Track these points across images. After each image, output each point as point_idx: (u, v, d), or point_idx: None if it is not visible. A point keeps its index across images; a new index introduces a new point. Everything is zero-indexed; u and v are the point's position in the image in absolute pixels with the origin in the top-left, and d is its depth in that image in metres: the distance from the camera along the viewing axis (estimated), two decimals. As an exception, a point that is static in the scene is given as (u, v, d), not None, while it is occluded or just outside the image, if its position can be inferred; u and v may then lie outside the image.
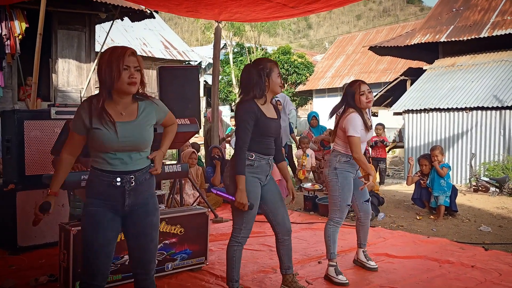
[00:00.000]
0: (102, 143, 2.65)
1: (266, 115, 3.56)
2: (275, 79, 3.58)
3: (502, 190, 9.01)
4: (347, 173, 4.26)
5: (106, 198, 2.70)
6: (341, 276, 4.23)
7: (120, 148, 2.67)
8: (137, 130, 2.73)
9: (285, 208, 3.83)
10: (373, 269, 4.53)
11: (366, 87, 4.27)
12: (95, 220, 2.69)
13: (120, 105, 2.72)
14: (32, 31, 9.46)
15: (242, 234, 3.65)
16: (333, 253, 4.30)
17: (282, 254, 3.87)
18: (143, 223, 2.79)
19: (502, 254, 5.07)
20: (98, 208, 2.70)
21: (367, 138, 4.36)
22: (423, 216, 7.03)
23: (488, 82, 11.89)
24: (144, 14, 12.85)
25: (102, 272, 2.73)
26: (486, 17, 13.47)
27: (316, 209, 7.31)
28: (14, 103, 11.77)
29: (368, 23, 64.24)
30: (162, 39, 24.65)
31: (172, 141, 5.61)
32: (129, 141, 2.69)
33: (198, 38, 50.23)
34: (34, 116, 5.10)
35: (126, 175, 2.71)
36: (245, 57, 28.73)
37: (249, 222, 3.64)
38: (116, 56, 2.65)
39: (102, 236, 2.69)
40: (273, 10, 6.10)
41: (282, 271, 3.92)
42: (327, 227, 4.36)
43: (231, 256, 3.67)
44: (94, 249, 2.69)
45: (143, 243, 2.80)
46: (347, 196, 4.27)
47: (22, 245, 4.93)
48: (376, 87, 23.30)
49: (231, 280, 3.71)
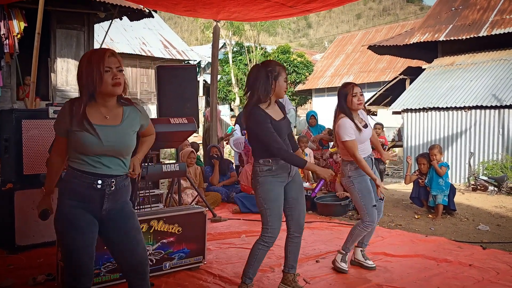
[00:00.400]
0: (84, 146, 2.60)
1: (275, 119, 3.61)
2: (281, 83, 3.61)
3: (500, 189, 9.02)
4: (361, 177, 4.31)
5: (84, 200, 2.65)
6: (344, 264, 4.41)
7: (103, 152, 2.64)
8: (121, 135, 2.69)
9: (304, 207, 3.87)
10: (371, 268, 4.55)
11: (359, 90, 4.35)
12: (72, 223, 2.63)
13: (104, 108, 2.68)
14: (30, 30, 9.45)
15: (268, 234, 3.67)
16: (348, 248, 4.47)
17: (289, 251, 3.90)
18: (126, 227, 2.76)
19: (500, 253, 5.07)
20: (75, 210, 2.64)
21: (365, 137, 4.39)
22: (421, 215, 7.03)
23: (487, 81, 11.90)
24: (143, 13, 12.84)
25: (86, 274, 2.68)
26: (485, 16, 13.47)
27: (314, 209, 7.31)
28: (13, 103, 11.77)
29: (368, 22, 64.24)
30: (161, 38, 24.63)
31: (171, 140, 5.63)
32: (112, 145, 2.65)
33: (198, 38, 50.22)
34: (32, 116, 5.10)
35: (108, 178, 2.67)
36: (245, 57, 28.73)
37: (274, 222, 3.65)
38: (96, 58, 2.60)
39: (81, 239, 2.64)
40: (271, 9, 6.10)
41: (284, 269, 3.93)
42: (356, 226, 4.44)
43: (254, 253, 3.72)
44: (76, 252, 2.63)
45: (130, 247, 2.77)
46: (369, 198, 4.31)
47: (20, 245, 4.93)
48: (375, 86, 23.33)
49: (245, 275, 3.74)
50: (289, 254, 3.90)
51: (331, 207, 7.18)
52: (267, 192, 3.62)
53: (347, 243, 4.47)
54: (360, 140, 4.31)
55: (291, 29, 50.59)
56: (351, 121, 4.26)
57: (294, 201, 3.77)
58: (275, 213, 3.65)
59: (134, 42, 23.02)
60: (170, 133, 5.34)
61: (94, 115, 2.64)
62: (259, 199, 3.66)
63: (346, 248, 4.47)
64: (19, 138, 4.94)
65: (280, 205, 3.68)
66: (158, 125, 4.86)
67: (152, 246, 4.12)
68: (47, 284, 4.06)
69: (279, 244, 5.39)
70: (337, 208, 7.14)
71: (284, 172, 3.67)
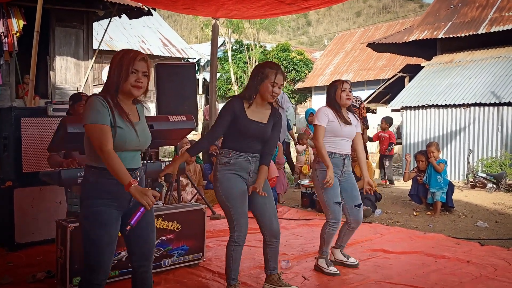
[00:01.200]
0: (123, 142, 2.70)
1: (248, 116, 3.55)
2: (266, 86, 3.53)
3: (499, 186, 9.04)
4: (325, 171, 4.18)
5: (114, 197, 2.72)
6: (332, 267, 4.34)
7: (137, 147, 2.79)
8: (146, 130, 2.88)
9: (274, 210, 3.76)
10: (354, 266, 4.50)
11: (348, 85, 4.36)
12: (102, 219, 2.71)
13: (125, 106, 2.78)
14: (29, 28, 9.45)
15: (236, 233, 3.61)
16: (325, 251, 4.40)
17: (268, 256, 3.82)
18: (145, 214, 2.77)
19: (498, 249, 5.10)
20: (104, 207, 2.72)
21: (344, 134, 4.31)
22: (420, 212, 7.05)
23: (486, 79, 11.91)
24: (142, 11, 12.82)
25: (105, 270, 2.77)
26: (484, 14, 13.48)
27: (313, 206, 7.33)
28: (12, 101, 11.77)
29: (367, 20, 64.16)
30: (160, 36, 24.61)
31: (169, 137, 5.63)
32: (144, 140, 2.82)
33: (197, 36, 50.15)
34: (31, 114, 5.10)
35: (133, 171, 2.77)
36: (244, 55, 28.71)
37: (240, 220, 3.59)
38: (127, 58, 2.72)
39: (108, 234, 2.73)
40: (270, 7, 6.12)
41: (266, 271, 3.87)
42: (323, 228, 4.37)
43: (229, 255, 3.68)
44: (100, 248, 2.71)
45: (145, 233, 2.88)
46: (331, 194, 4.22)
47: (19, 242, 4.94)
48: (374, 83, 23.34)
49: (228, 278, 3.73)
50: (269, 258, 3.82)
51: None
52: (227, 189, 3.55)
53: (322, 247, 4.39)
54: (337, 134, 4.28)
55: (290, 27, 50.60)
56: (333, 112, 4.28)
57: (262, 206, 3.66)
58: (239, 211, 3.57)
59: (133, 40, 23.00)
60: (169, 131, 5.33)
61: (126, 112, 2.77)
62: (220, 197, 3.59)
63: (323, 251, 4.38)
64: (18, 136, 4.95)
65: (244, 201, 3.60)
66: (156, 123, 4.87)
67: (151, 243, 4.13)
68: (46, 281, 4.07)
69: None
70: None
71: (244, 169, 3.60)
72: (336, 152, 4.30)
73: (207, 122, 9.91)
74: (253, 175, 3.65)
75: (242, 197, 3.59)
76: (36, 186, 4.95)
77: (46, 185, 4.81)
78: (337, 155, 4.30)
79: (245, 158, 3.61)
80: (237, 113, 3.53)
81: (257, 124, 3.58)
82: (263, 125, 3.62)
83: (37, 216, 5.04)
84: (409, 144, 12.45)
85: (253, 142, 3.60)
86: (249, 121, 3.55)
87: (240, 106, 3.55)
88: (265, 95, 3.57)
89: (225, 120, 3.55)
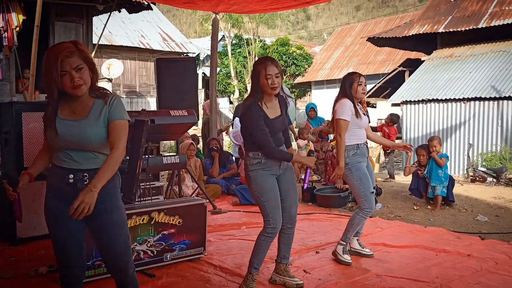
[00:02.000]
0: (48, 141, 2.68)
1: (269, 117, 3.65)
2: (263, 82, 3.62)
3: (499, 180, 9.04)
4: (359, 164, 4.42)
5: (61, 194, 2.66)
6: (347, 256, 4.46)
7: (66, 146, 2.62)
8: (83, 129, 2.61)
9: (296, 199, 3.91)
10: (369, 256, 4.62)
11: (364, 79, 4.48)
12: (54, 214, 2.66)
13: (75, 102, 2.66)
14: (29, 23, 9.43)
15: (271, 226, 3.70)
16: (348, 238, 4.51)
17: (281, 243, 3.93)
18: (104, 222, 2.69)
19: (498, 243, 5.11)
20: (56, 201, 2.66)
21: (364, 124, 4.51)
22: (420, 206, 7.06)
23: (486, 73, 11.91)
24: (142, 5, 12.79)
25: (76, 264, 2.70)
26: (484, 8, 13.46)
27: (314, 200, 7.34)
28: (12, 96, 11.75)
29: (367, 14, 64.01)
30: (160, 31, 24.57)
31: (171, 132, 5.63)
32: (71, 139, 2.61)
33: (197, 30, 50.06)
34: (32, 108, 5.10)
35: (80, 172, 2.64)
36: (244, 49, 28.68)
37: (275, 213, 3.68)
38: (51, 62, 2.52)
39: (64, 229, 2.66)
40: (270, 1, 6.12)
41: (277, 259, 3.98)
42: (354, 215, 4.49)
43: (258, 244, 3.76)
44: (60, 242, 2.67)
45: (107, 242, 2.72)
46: (367, 184, 4.39)
47: (21, 237, 4.96)
48: (374, 78, 23.31)
49: (251, 265, 3.79)
50: (282, 245, 3.94)
51: (331, 199, 7.22)
52: (261, 185, 3.67)
53: (347, 233, 4.51)
54: (359, 125, 4.44)
55: (290, 22, 50.51)
56: (353, 104, 4.40)
57: (285, 192, 3.80)
58: (273, 204, 3.68)
59: (132, 35, 22.96)
60: (170, 125, 5.36)
61: (65, 109, 2.65)
62: (254, 193, 3.72)
63: (346, 238, 4.51)
64: (20, 131, 4.95)
65: (276, 195, 3.72)
66: (158, 117, 4.88)
67: (153, 237, 4.15)
68: (48, 275, 4.09)
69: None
70: (336, 199, 7.17)
71: (274, 165, 3.71)
72: (361, 143, 4.48)
73: (207, 117, 9.91)
74: (283, 167, 3.78)
75: (275, 191, 3.72)
76: (37, 181, 4.94)
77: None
78: (362, 146, 4.49)
79: None
80: (262, 117, 3.62)
81: (277, 120, 3.71)
82: (281, 118, 3.76)
83: (39, 210, 5.00)
84: (409, 138, 12.46)
85: (276, 135, 3.73)
86: (272, 121, 3.67)
87: (260, 109, 3.63)
88: (267, 90, 3.64)
89: (262, 125, 3.60)
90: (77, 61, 2.55)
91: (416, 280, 4.01)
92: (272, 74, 3.59)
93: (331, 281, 4.06)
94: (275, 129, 3.70)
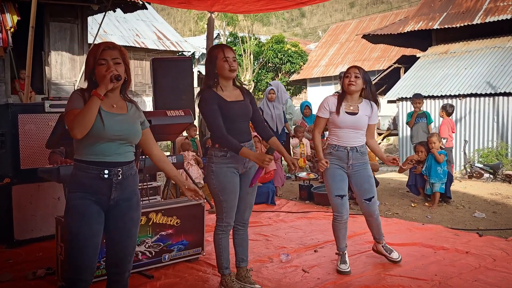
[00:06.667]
0: (90, 133, 2.59)
1: (226, 99, 3.54)
2: (221, 65, 3.53)
3: (496, 176, 9.08)
4: (331, 165, 4.13)
5: (92, 191, 2.65)
6: (344, 265, 4.23)
7: (109, 138, 2.64)
8: (130, 123, 2.74)
9: (252, 202, 3.82)
10: (396, 262, 4.37)
11: (354, 71, 4.15)
12: (80, 213, 2.63)
13: (110, 98, 2.71)
14: (24, 24, 9.40)
15: (225, 223, 3.66)
16: (339, 247, 4.31)
17: (236, 245, 3.84)
18: (125, 217, 2.74)
19: (496, 239, 5.12)
20: (83, 200, 2.64)
21: (348, 124, 4.11)
22: (418, 203, 7.08)
23: (481, 69, 11.92)
24: (136, 5, 12.77)
25: (89, 267, 2.67)
26: (479, 4, 13.46)
27: (311, 198, 7.34)
28: (8, 97, 11.73)
29: (361, 10, 63.99)
30: (155, 30, 24.49)
31: (168, 132, 5.62)
32: (120, 132, 2.67)
33: (191, 29, 49.96)
34: (28, 110, 5.08)
35: (114, 167, 2.67)
36: (239, 47, 28.62)
37: (230, 213, 3.64)
38: (92, 51, 2.69)
39: (88, 228, 2.63)
40: (265, 1, 6.10)
41: (236, 263, 3.86)
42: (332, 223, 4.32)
43: (217, 244, 3.71)
44: (80, 243, 2.62)
45: (121, 237, 2.75)
46: (333, 187, 4.16)
47: (18, 239, 4.94)
48: (370, 75, 23.26)
49: (221, 268, 3.76)
50: (237, 247, 3.83)
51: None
52: (223, 184, 3.57)
53: (336, 243, 4.33)
54: (335, 124, 4.15)
55: (284, 19, 50.38)
56: (337, 101, 4.13)
57: (244, 194, 3.69)
58: (231, 205, 3.63)
59: (127, 34, 22.89)
60: (167, 126, 5.34)
61: (103, 103, 2.64)
62: (214, 189, 3.61)
63: (338, 248, 4.31)
64: (16, 132, 4.93)
65: (236, 196, 3.63)
66: (154, 118, 4.86)
67: (151, 238, 4.15)
68: (46, 278, 4.07)
69: (278, 235, 5.45)
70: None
71: (239, 162, 3.59)
72: (339, 145, 4.15)
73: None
74: (248, 166, 3.66)
75: (235, 192, 3.63)
76: (34, 183, 4.94)
77: (45, 181, 4.80)
78: (341, 148, 4.14)
79: None
80: (216, 101, 3.51)
81: (236, 104, 3.58)
82: (242, 101, 3.63)
83: (36, 212, 5.03)
84: (405, 135, 12.46)
85: (236, 123, 3.56)
86: (229, 104, 3.54)
87: (214, 94, 3.54)
88: (225, 73, 3.54)
89: (214, 110, 3.49)
90: (117, 55, 2.70)
91: (415, 278, 4.02)
92: (230, 57, 3.53)
93: (330, 280, 4.06)
94: (234, 114, 3.54)
